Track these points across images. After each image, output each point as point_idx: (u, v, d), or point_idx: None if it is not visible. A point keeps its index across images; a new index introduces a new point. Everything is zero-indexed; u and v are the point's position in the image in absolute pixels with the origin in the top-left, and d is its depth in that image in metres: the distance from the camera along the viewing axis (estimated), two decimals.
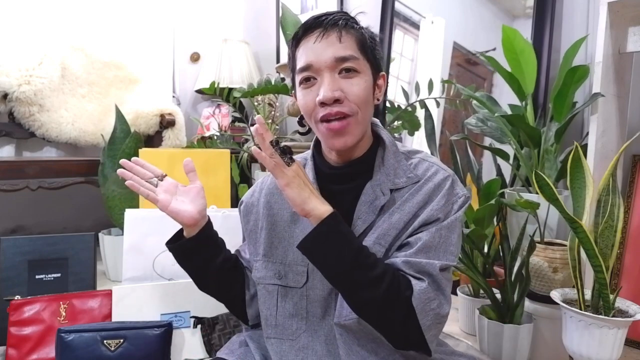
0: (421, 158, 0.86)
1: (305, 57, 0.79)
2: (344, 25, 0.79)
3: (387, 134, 0.87)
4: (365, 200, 0.81)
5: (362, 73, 0.79)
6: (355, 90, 0.78)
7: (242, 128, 2.64)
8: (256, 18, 3.02)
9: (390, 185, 0.81)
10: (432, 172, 0.83)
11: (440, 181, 0.81)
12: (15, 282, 1.37)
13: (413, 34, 2.08)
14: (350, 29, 0.79)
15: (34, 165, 1.83)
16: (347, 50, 0.78)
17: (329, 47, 0.77)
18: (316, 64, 0.78)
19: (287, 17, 1.99)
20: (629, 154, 1.43)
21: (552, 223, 1.34)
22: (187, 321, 1.31)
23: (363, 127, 0.81)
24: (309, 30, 0.79)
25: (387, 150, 0.84)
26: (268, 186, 0.92)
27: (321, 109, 0.78)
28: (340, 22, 0.79)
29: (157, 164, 1.55)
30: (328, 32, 0.78)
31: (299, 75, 0.81)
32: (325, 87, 0.77)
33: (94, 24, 2.43)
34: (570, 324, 1.09)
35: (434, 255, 0.77)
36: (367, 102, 0.80)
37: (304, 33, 0.80)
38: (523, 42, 1.34)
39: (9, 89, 1.98)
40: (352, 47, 0.78)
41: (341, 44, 0.78)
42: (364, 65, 0.80)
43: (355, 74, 0.78)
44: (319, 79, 0.78)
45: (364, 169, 0.84)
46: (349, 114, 0.77)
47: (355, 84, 0.78)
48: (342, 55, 0.77)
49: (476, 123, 1.48)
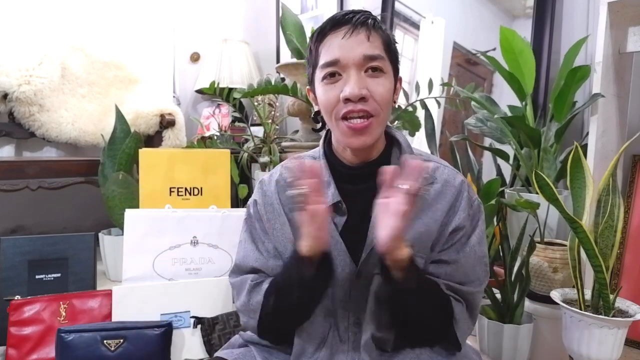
0: (435, 161, 0.87)
1: (331, 53, 0.78)
2: (373, 25, 0.79)
3: (402, 136, 0.87)
4: None
5: (387, 74, 0.79)
6: (380, 90, 0.77)
7: (242, 128, 2.64)
8: (256, 18, 3.02)
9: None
10: (450, 177, 0.84)
11: (459, 185, 0.83)
12: (15, 282, 1.37)
13: (413, 34, 2.08)
14: (377, 29, 0.79)
15: (34, 165, 1.83)
16: (376, 49, 0.78)
17: (359, 45, 0.77)
18: (344, 60, 0.77)
19: (287, 17, 1.99)
20: (629, 154, 1.43)
21: (552, 223, 1.34)
22: (187, 321, 1.31)
23: (382, 128, 0.82)
24: (337, 25, 0.79)
25: (403, 152, 0.84)
26: (279, 183, 0.90)
27: (344, 106, 0.77)
28: (369, 22, 0.79)
29: (157, 164, 1.56)
30: (357, 29, 0.77)
31: (323, 70, 0.79)
32: (352, 84, 0.76)
33: (94, 24, 2.43)
34: (570, 324, 1.09)
35: (471, 272, 0.82)
36: (388, 103, 0.80)
37: (332, 28, 0.79)
38: (521, 42, 1.34)
39: (9, 89, 1.98)
40: (379, 47, 0.78)
41: (369, 42, 0.77)
42: (388, 66, 0.80)
43: (381, 73, 0.78)
44: (344, 75, 0.78)
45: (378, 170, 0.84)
46: (373, 113, 0.77)
47: (380, 84, 0.78)
48: (371, 54, 0.77)
49: (475, 123, 1.48)
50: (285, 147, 2.04)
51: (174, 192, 1.55)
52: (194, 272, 1.40)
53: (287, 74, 2.06)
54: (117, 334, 1.01)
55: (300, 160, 0.71)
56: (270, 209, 0.89)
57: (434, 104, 1.71)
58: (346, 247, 0.81)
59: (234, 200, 1.91)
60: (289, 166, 0.74)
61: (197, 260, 1.40)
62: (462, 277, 0.81)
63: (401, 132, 0.89)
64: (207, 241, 1.42)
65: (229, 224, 1.43)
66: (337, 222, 0.82)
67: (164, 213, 1.40)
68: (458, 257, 0.81)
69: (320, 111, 0.83)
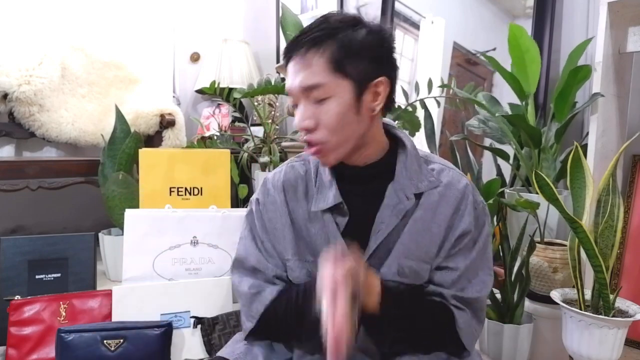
0: (440, 163, 0.86)
1: (287, 82, 0.80)
2: (315, 43, 0.74)
3: (407, 137, 0.86)
4: (388, 204, 0.81)
5: (334, 97, 0.75)
6: (325, 117, 0.75)
7: (242, 128, 2.64)
8: (256, 18, 3.02)
9: (413, 190, 0.81)
10: (455, 179, 0.83)
11: (463, 189, 0.82)
12: (15, 282, 1.37)
13: (413, 34, 2.08)
14: (322, 46, 0.74)
15: (34, 165, 1.83)
16: (314, 77, 0.74)
17: (298, 75, 0.76)
18: (291, 91, 0.79)
19: (287, 17, 1.99)
20: (629, 154, 1.43)
21: (552, 223, 1.34)
22: (187, 321, 1.31)
23: (343, 148, 0.79)
24: (287, 52, 0.79)
25: (409, 154, 0.83)
26: (282, 183, 0.89)
27: (301, 133, 0.79)
28: (310, 41, 0.75)
29: (157, 164, 1.56)
30: (297, 56, 0.76)
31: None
32: (297, 116, 0.78)
33: (94, 24, 2.43)
34: (570, 324, 1.09)
35: (477, 278, 0.81)
36: (342, 126, 0.76)
37: (285, 55, 0.80)
38: (529, 40, 1.35)
39: (9, 89, 1.98)
40: (320, 70, 0.74)
41: (308, 69, 0.75)
42: (336, 87, 0.75)
43: (325, 100, 0.75)
44: (298, 104, 0.79)
45: (381, 171, 0.83)
46: (319, 142, 0.77)
47: (325, 112, 0.75)
48: (307, 85, 0.75)
49: (478, 125, 1.48)
50: (285, 147, 2.04)
51: (174, 192, 1.55)
52: (194, 272, 1.40)
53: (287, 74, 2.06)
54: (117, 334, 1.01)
55: None
56: (272, 208, 0.88)
57: (434, 103, 1.71)
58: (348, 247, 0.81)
59: (234, 200, 1.91)
60: None
61: (197, 260, 1.40)
62: (467, 283, 0.81)
63: (406, 134, 0.88)
64: (207, 241, 1.42)
65: (229, 224, 1.43)
66: (339, 222, 0.82)
67: (164, 213, 1.40)
68: (465, 264, 0.80)
69: None
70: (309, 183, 0.87)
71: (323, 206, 0.83)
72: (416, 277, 0.81)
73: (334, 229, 0.82)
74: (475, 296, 0.81)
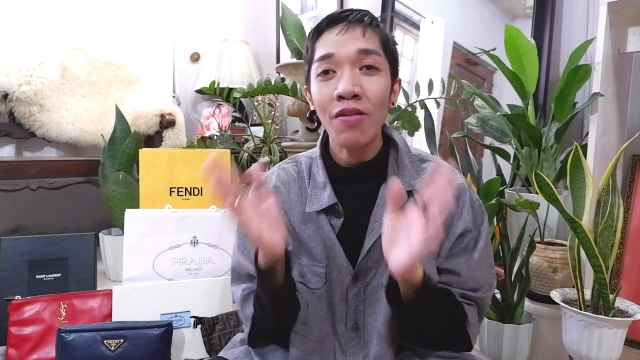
0: (434, 161, 0.85)
1: (326, 47, 0.77)
2: (369, 23, 0.78)
3: (399, 136, 0.86)
4: (382, 203, 0.80)
5: (382, 72, 0.77)
6: (374, 88, 0.76)
7: (242, 128, 2.64)
8: (256, 18, 3.02)
9: (406, 187, 0.80)
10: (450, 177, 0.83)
11: (460, 186, 0.82)
12: (16, 282, 1.37)
13: (413, 34, 2.08)
14: (375, 27, 0.78)
15: (34, 165, 1.83)
16: (371, 44, 0.76)
17: (353, 41, 0.76)
18: (338, 55, 0.76)
19: (287, 17, 1.99)
20: (629, 154, 1.43)
21: (552, 223, 1.34)
22: (187, 321, 1.31)
23: (375, 128, 0.80)
24: (333, 22, 0.78)
25: (400, 152, 0.83)
26: (274, 184, 0.89)
27: (337, 104, 0.76)
28: (366, 19, 0.78)
29: (157, 164, 1.56)
30: (353, 26, 0.76)
31: (317, 66, 0.78)
32: (346, 81, 0.75)
33: (94, 24, 2.43)
34: (570, 324, 1.09)
35: (481, 277, 0.81)
36: (383, 103, 0.78)
37: (328, 25, 0.78)
38: (526, 42, 1.34)
39: (9, 89, 1.98)
40: (376, 43, 0.77)
41: (365, 38, 0.76)
42: (384, 64, 0.78)
43: (376, 71, 0.77)
44: (338, 72, 0.76)
45: (376, 171, 0.83)
46: (365, 112, 0.76)
47: (375, 82, 0.76)
48: (366, 48, 0.75)
49: (477, 122, 1.48)
50: (285, 147, 2.04)
51: (174, 192, 1.55)
52: (194, 272, 1.40)
53: (287, 74, 2.06)
54: (117, 334, 1.01)
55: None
56: None
57: (434, 104, 1.71)
58: (343, 248, 0.81)
59: None
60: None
61: (197, 260, 1.41)
62: (474, 283, 0.81)
63: (398, 132, 0.87)
64: (207, 241, 1.42)
65: (229, 224, 1.43)
66: (333, 224, 0.82)
67: (164, 213, 1.40)
68: (468, 265, 0.80)
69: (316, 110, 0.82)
70: (302, 184, 0.87)
71: (317, 207, 0.82)
72: None
73: (329, 230, 0.81)
74: (482, 296, 0.81)
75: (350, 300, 0.81)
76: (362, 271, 0.80)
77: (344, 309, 0.81)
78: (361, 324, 0.81)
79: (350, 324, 0.81)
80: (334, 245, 0.81)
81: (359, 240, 0.80)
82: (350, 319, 0.81)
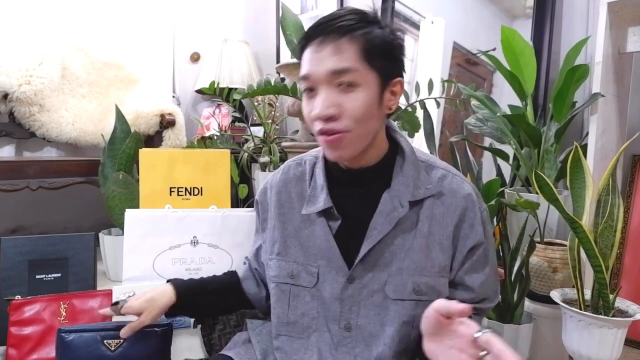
0: (443, 169, 0.84)
1: (304, 66, 0.76)
2: (349, 30, 0.73)
3: (406, 142, 0.84)
4: (383, 210, 0.80)
5: (362, 85, 0.73)
6: (352, 105, 0.73)
7: (242, 128, 2.64)
8: (256, 18, 3.02)
9: (409, 197, 0.79)
10: (459, 186, 0.82)
11: (468, 196, 0.81)
12: (16, 282, 1.37)
13: (413, 34, 2.08)
14: (355, 34, 0.73)
15: (34, 165, 1.83)
16: (345, 61, 0.72)
17: (327, 59, 0.72)
18: (313, 75, 0.74)
19: (287, 17, 1.99)
20: (629, 154, 1.43)
21: (552, 223, 1.34)
22: (187, 321, 1.31)
23: (362, 142, 0.77)
24: (310, 38, 0.75)
25: (406, 160, 0.81)
26: (277, 184, 0.91)
27: (317, 123, 0.75)
28: (344, 27, 0.73)
29: (157, 164, 1.56)
30: (328, 40, 0.73)
31: (301, 84, 0.78)
32: (319, 103, 0.73)
33: (94, 24, 2.43)
34: (570, 324, 1.09)
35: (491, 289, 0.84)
36: (367, 117, 0.74)
37: (307, 40, 0.76)
38: (523, 43, 1.34)
39: (10, 89, 1.98)
40: (352, 57, 0.72)
41: (338, 55, 0.72)
42: (365, 76, 0.74)
43: (353, 87, 0.73)
44: (317, 90, 0.75)
45: (378, 176, 0.82)
46: (344, 130, 0.73)
47: (353, 99, 0.73)
48: (338, 68, 0.72)
49: (475, 123, 1.48)
50: (285, 147, 2.04)
51: (174, 192, 1.55)
52: (194, 272, 1.40)
53: (287, 74, 2.06)
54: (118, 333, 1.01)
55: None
56: (267, 208, 0.92)
57: (434, 104, 1.71)
58: (340, 250, 0.81)
59: (234, 200, 1.91)
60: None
61: (197, 260, 1.40)
62: (485, 296, 0.83)
63: (405, 137, 0.86)
64: (207, 241, 1.42)
65: (229, 224, 1.43)
66: (331, 225, 0.82)
67: (164, 213, 1.40)
68: (480, 280, 0.81)
69: None
70: (304, 185, 0.87)
71: (313, 210, 0.83)
72: (433, 293, 0.78)
73: (327, 232, 0.82)
74: (490, 306, 0.85)
75: (345, 300, 0.81)
76: (358, 273, 0.80)
77: (338, 308, 0.81)
78: (354, 324, 0.81)
79: (343, 324, 0.81)
80: (331, 247, 0.81)
81: (357, 243, 0.80)
82: (344, 319, 0.81)
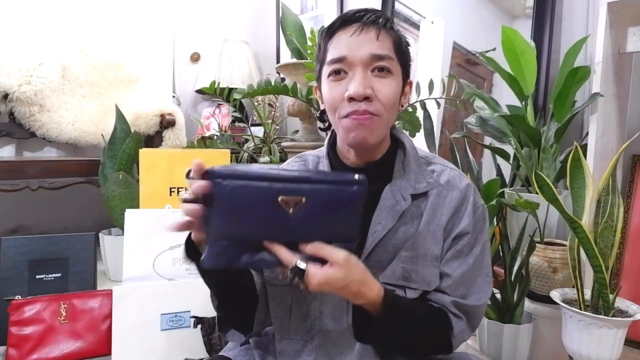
0: (441, 164, 0.85)
1: (339, 50, 0.77)
2: (383, 24, 0.77)
3: (407, 138, 0.86)
4: (385, 205, 0.80)
5: (394, 75, 0.78)
6: (386, 90, 0.76)
7: (242, 128, 2.64)
8: (256, 18, 3.02)
9: (411, 190, 0.80)
10: (456, 179, 0.83)
11: (465, 189, 0.82)
12: (16, 282, 1.37)
13: (413, 34, 2.08)
14: (388, 29, 0.78)
15: (34, 165, 1.83)
16: (385, 49, 0.76)
17: (367, 44, 0.75)
18: (350, 58, 0.76)
19: (287, 17, 1.99)
20: (629, 154, 1.43)
21: (552, 223, 1.34)
22: (187, 321, 1.31)
23: (384, 130, 0.80)
24: (347, 23, 0.77)
25: (407, 155, 0.83)
26: None
27: (348, 105, 0.76)
28: (380, 21, 0.77)
29: (157, 164, 1.56)
30: (367, 28, 0.76)
31: (329, 67, 0.78)
32: (357, 83, 0.74)
33: (94, 24, 2.43)
34: (570, 324, 1.09)
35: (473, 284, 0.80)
36: (394, 105, 0.78)
37: (341, 25, 0.78)
38: (523, 42, 1.34)
39: (10, 89, 1.98)
40: (389, 47, 0.77)
41: (378, 42, 0.76)
42: (397, 67, 0.79)
43: (388, 74, 0.77)
44: (350, 73, 0.76)
45: (382, 173, 0.83)
46: (376, 113, 0.76)
47: (386, 85, 0.76)
48: (379, 53, 0.75)
49: (476, 122, 1.48)
50: (285, 147, 2.04)
51: (174, 192, 1.55)
52: (194, 272, 1.39)
53: (287, 74, 2.06)
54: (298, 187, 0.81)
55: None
56: None
57: (434, 104, 1.71)
58: None
59: None
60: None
61: None
62: (465, 290, 0.80)
63: (406, 134, 0.87)
64: None
65: None
66: None
67: (164, 213, 1.40)
68: (461, 270, 0.79)
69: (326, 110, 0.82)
70: None
71: None
72: (423, 283, 0.79)
73: None
74: (474, 304, 0.81)
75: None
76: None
77: (344, 305, 0.81)
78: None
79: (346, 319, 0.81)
80: None
81: (362, 240, 0.80)
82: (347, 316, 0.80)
